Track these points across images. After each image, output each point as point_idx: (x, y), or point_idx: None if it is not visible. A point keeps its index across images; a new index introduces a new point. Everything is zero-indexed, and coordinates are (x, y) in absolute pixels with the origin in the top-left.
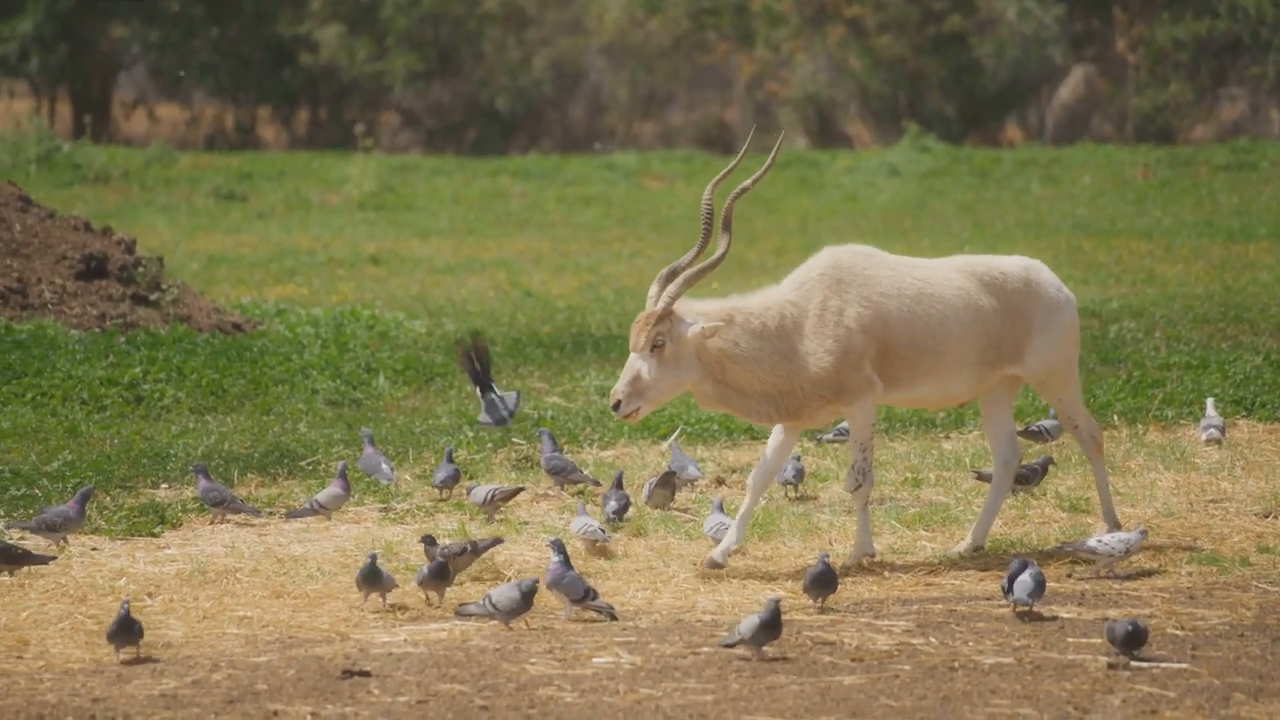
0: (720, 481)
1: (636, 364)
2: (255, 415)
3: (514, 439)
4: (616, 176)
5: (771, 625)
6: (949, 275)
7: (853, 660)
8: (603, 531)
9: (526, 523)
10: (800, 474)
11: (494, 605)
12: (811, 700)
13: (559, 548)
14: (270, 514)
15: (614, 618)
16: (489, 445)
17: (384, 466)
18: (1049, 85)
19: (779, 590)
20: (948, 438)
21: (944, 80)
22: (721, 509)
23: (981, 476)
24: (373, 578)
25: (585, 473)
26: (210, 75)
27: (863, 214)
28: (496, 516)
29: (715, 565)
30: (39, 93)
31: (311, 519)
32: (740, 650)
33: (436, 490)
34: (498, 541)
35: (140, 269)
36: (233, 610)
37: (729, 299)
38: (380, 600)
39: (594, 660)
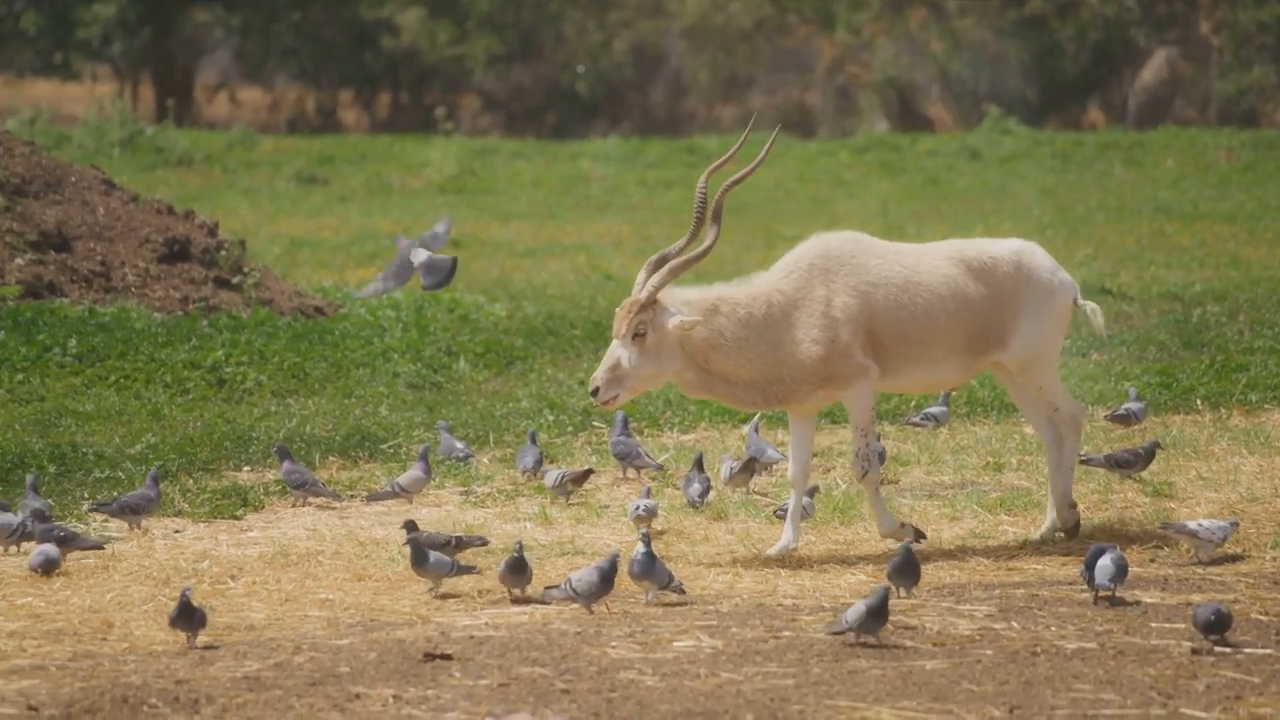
0: None
1: (617, 351)
2: (336, 398)
3: (594, 422)
4: (697, 160)
5: (879, 612)
6: (937, 263)
7: (934, 645)
8: (647, 510)
9: (607, 506)
10: (881, 456)
11: (574, 589)
12: (893, 685)
13: (646, 539)
14: (351, 497)
15: (682, 592)
16: (569, 429)
17: (458, 445)
18: (1131, 68)
19: (859, 574)
20: (1028, 422)
21: (1025, 63)
22: (815, 492)
23: (1087, 461)
24: (420, 560)
25: (650, 457)
26: (292, 59)
27: (943, 197)
28: (573, 500)
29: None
30: (122, 76)
31: (392, 502)
32: (848, 637)
33: (522, 474)
34: (483, 541)
35: (222, 252)
36: (314, 593)
37: (714, 287)
38: (434, 582)
39: (675, 644)
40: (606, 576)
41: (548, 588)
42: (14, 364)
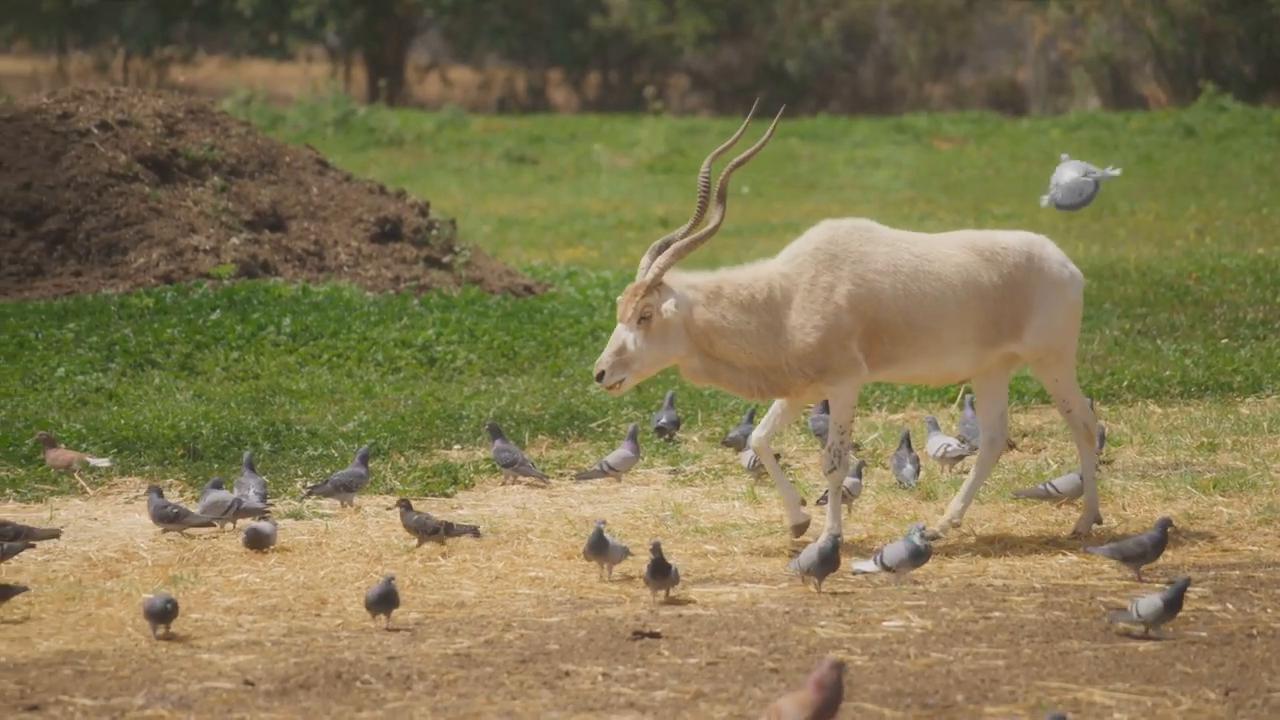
0: (1011, 445)
1: (623, 335)
2: (546, 377)
3: None
4: (906, 138)
5: (1173, 605)
6: (949, 251)
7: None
8: (848, 491)
9: (816, 485)
10: (1102, 437)
11: (799, 565)
12: (1105, 666)
13: (921, 530)
14: (560, 476)
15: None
16: None
17: (664, 417)
18: None
19: (1069, 555)
20: (1244, 402)
21: (1242, 39)
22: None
23: None
24: (598, 547)
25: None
26: (501, 39)
27: (1157, 175)
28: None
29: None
30: (335, 57)
31: (601, 481)
32: (1137, 630)
33: (725, 445)
34: (474, 530)
35: (433, 232)
36: (524, 571)
37: (718, 271)
38: (607, 571)
39: (884, 624)
40: (826, 557)
41: (794, 554)
42: (229, 342)
